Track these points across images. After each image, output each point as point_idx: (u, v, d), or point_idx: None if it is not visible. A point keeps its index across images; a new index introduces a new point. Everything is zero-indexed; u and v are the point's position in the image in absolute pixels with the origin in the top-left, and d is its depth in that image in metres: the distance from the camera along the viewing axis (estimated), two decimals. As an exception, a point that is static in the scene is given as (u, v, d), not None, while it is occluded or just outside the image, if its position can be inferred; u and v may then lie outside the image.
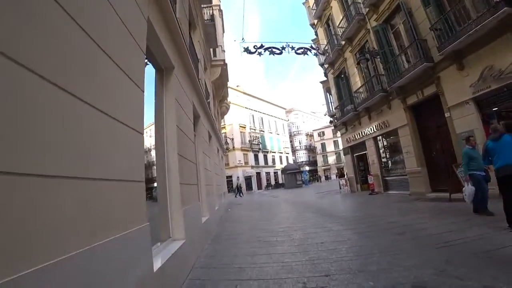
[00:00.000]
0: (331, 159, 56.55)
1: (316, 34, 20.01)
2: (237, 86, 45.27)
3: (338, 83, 16.63)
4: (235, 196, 28.43)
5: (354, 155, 15.76)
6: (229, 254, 4.80)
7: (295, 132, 59.17)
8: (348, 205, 10.85)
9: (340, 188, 16.19)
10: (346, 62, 15.34)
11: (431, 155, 10.35)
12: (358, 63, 12.22)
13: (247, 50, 13.12)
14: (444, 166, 9.67)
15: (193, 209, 5.00)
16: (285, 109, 56.96)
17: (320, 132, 59.65)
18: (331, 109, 18.97)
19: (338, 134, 55.45)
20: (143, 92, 2.78)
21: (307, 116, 64.87)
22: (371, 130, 13.36)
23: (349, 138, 15.71)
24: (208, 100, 11.03)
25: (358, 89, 13.93)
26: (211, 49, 14.76)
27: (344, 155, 16.60)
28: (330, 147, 57.12)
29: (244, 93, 45.54)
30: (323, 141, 58.17)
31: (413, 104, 10.66)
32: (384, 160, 13.11)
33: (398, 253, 3.75)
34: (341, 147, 56.39)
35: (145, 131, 2.78)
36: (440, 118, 9.38)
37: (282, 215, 9.79)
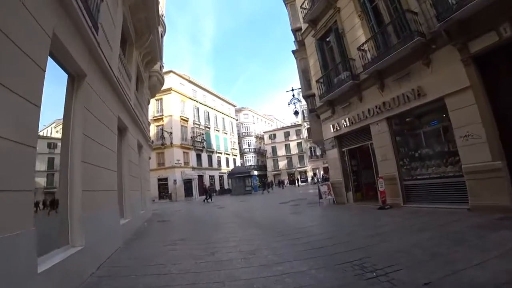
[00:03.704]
0: (282, 163, 52.62)
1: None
2: (184, 74, 38.17)
3: (322, 47, 11.61)
4: (204, 201, 23.05)
5: (344, 149, 10.76)
6: None
7: (244, 133, 53.86)
8: (380, 239, 5.35)
9: (321, 198, 11.00)
10: (340, 14, 10.40)
11: (518, 140, 5.71)
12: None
13: None
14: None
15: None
16: (234, 106, 51.36)
17: (271, 135, 55.48)
18: (303, 88, 13.92)
19: (291, 137, 51.95)
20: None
21: (257, 117, 60.32)
22: (383, 106, 8.47)
23: (337, 124, 10.67)
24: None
25: (362, 45, 8.98)
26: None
27: (327, 150, 11.57)
28: (281, 151, 53.24)
29: (190, 81, 38.65)
30: (274, 144, 54.05)
31: (484, 51, 5.97)
32: (404, 153, 8.27)
33: None
34: (293, 151, 53.27)
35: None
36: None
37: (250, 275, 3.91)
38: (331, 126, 11.02)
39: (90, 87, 4.91)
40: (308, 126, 49.88)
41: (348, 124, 10.02)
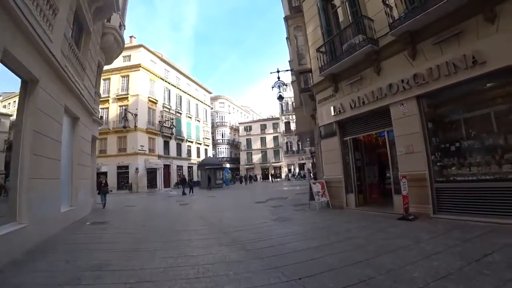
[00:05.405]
0: (256, 157, 50.27)
1: None
2: (157, 52, 34.12)
3: (326, 9, 9.12)
4: (183, 194, 19.96)
5: (347, 138, 8.45)
6: None
7: (218, 123, 50.71)
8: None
9: (312, 199, 8.63)
10: (353, -37, 7.98)
11: None
12: None
13: None
14: None
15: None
16: (210, 93, 47.93)
17: (247, 126, 52.78)
18: (296, 62, 11.42)
19: (267, 130, 49.60)
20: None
21: (234, 107, 57.27)
22: (413, 80, 6.19)
23: (341, 105, 8.31)
24: None
25: (387, -2, 6.63)
26: None
27: (324, 138, 9.15)
28: (256, 144, 50.81)
29: (162, 59, 34.78)
30: (250, 137, 51.45)
31: None
32: (436, 145, 6.07)
33: None
34: (269, 145, 50.84)
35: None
36: None
37: None
38: (331, 108, 8.64)
39: None
40: (286, 120, 48.06)
41: (357, 105, 7.68)
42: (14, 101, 5.51)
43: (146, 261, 4.02)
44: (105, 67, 27.08)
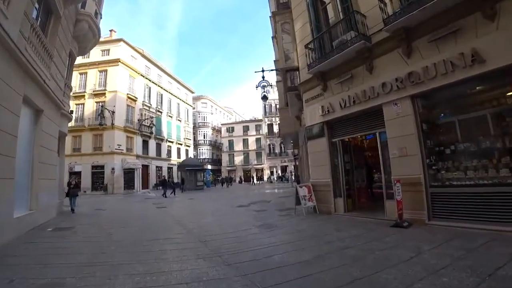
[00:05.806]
0: (238, 159, 49.53)
1: None
2: (138, 47, 32.64)
3: (315, 5, 8.74)
4: (163, 195, 18.77)
5: (336, 139, 8.06)
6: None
7: (200, 123, 49.56)
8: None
9: (298, 204, 8.16)
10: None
11: None
12: None
13: None
14: None
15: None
16: (193, 93, 46.77)
17: (229, 128, 51.94)
18: (282, 60, 10.98)
19: (250, 131, 49.18)
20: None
21: (216, 108, 56.26)
22: (408, 79, 5.88)
23: (330, 104, 7.91)
24: None
25: (381, -7, 6.30)
26: None
27: (310, 140, 8.72)
28: (238, 146, 50.09)
29: (143, 55, 33.37)
30: (232, 138, 50.65)
31: None
32: (430, 148, 5.78)
33: None
34: (251, 147, 50.30)
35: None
36: None
37: None
38: (319, 107, 8.22)
39: None
40: (269, 122, 47.77)
41: (347, 105, 7.30)
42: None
43: (107, 278, 3.34)
44: (82, 61, 25.91)
